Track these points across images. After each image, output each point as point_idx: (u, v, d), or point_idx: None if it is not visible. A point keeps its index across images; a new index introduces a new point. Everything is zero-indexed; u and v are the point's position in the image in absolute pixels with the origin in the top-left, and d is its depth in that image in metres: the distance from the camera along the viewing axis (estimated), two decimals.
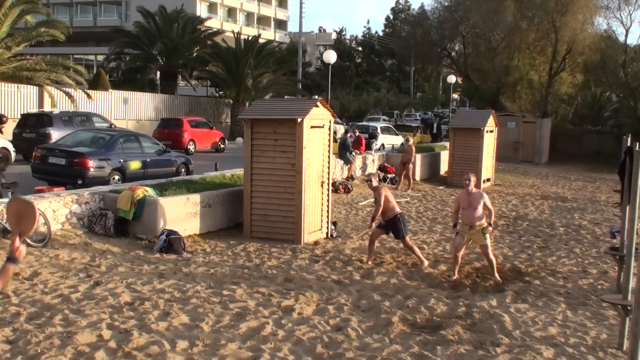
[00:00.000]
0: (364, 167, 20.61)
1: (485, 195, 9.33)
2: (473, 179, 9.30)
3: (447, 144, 24.26)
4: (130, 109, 31.40)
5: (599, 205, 19.31)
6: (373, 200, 16.73)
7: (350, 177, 19.05)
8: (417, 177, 21.44)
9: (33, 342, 5.76)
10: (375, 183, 9.97)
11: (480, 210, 9.11)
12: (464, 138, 21.65)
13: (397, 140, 29.10)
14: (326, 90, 33.08)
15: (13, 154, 17.08)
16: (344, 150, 18.89)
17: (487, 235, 9.20)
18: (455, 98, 74.97)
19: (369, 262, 9.86)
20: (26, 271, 8.03)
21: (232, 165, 16.05)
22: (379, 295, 8.07)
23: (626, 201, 6.74)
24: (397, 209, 9.96)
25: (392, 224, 9.91)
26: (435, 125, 33.73)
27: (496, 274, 9.22)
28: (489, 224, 9.25)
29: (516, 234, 13.32)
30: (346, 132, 20.07)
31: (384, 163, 21.60)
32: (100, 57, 54.88)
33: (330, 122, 12.04)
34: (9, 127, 18.38)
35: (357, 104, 51.97)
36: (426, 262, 9.95)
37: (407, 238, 10.10)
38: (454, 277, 9.29)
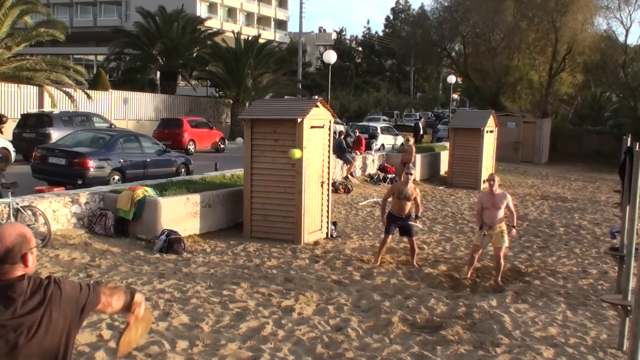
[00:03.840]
0: (364, 167, 20.62)
1: (509, 196, 9.27)
2: (497, 179, 9.31)
3: (447, 144, 24.27)
4: (130, 109, 31.39)
5: (599, 205, 19.31)
6: (373, 200, 16.83)
7: (350, 175, 19.06)
8: (417, 177, 21.42)
9: None
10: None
11: (502, 211, 9.07)
12: (464, 138, 21.64)
13: (397, 140, 29.12)
14: (326, 90, 33.06)
15: (13, 154, 17.07)
16: (341, 151, 18.90)
17: (506, 238, 9.14)
18: (455, 98, 74.92)
19: (378, 262, 9.91)
20: None
21: (232, 165, 16.05)
22: (379, 295, 8.07)
23: (626, 201, 6.74)
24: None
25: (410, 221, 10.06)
26: (420, 125, 32.73)
27: (499, 278, 9.15)
28: (512, 227, 9.25)
29: (516, 234, 13.30)
30: (340, 134, 20.02)
31: (384, 163, 21.61)
32: (100, 57, 54.85)
33: (330, 122, 12.04)
34: (9, 127, 18.34)
35: (357, 104, 51.96)
36: (415, 265, 10.00)
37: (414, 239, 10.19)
38: (467, 277, 9.33)
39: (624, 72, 41.98)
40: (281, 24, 78.62)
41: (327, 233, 11.91)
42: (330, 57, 27.00)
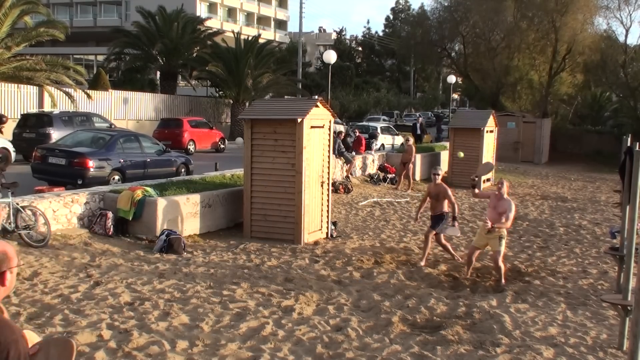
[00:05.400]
0: (364, 167, 20.62)
1: (513, 206, 9.10)
2: (506, 184, 9.34)
3: (446, 144, 24.27)
4: (130, 109, 31.38)
5: (599, 205, 19.30)
6: (373, 200, 16.83)
7: (350, 175, 19.06)
8: (417, 177, 21.44)
9: None
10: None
11: (501, 217, 9.01)
12: (464, 138, 21.64)
13: (397, 140, 29.11)
14: (326, 90, 33.05)
15: (13, 154, 17.07)
16: (341, 150, 18.90)
17: (503, 242, 9.09)
18: (455, 98, 74.94)
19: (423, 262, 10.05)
20: (26, 271, 8.03)
21: (232, 165, 16.05)
22: (379, 295, 8.07)
23: (626, 201, 6.74)
24: (446, 209, 10.20)
25: (436, 219, 10.21)
26: (418, 126, 32.95)
27: (503, 280, 9.06)
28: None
29: (516, 234, 13.31)
30: (339, 134, 19.99)
31: (384, 163, 21.61)
32: (100, 57, 54.82)
33: (330, 122, 12.04)
34: (9, 127, 18.35)
35: (357, 104, 51.92)
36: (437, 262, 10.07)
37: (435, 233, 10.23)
38: (467, 276, 9.36)
39: (624, 72, 42.00)
40: (281, 24, 78.60)
41: (327, 233, 11.91)
42: (330, 57, 26.99)
